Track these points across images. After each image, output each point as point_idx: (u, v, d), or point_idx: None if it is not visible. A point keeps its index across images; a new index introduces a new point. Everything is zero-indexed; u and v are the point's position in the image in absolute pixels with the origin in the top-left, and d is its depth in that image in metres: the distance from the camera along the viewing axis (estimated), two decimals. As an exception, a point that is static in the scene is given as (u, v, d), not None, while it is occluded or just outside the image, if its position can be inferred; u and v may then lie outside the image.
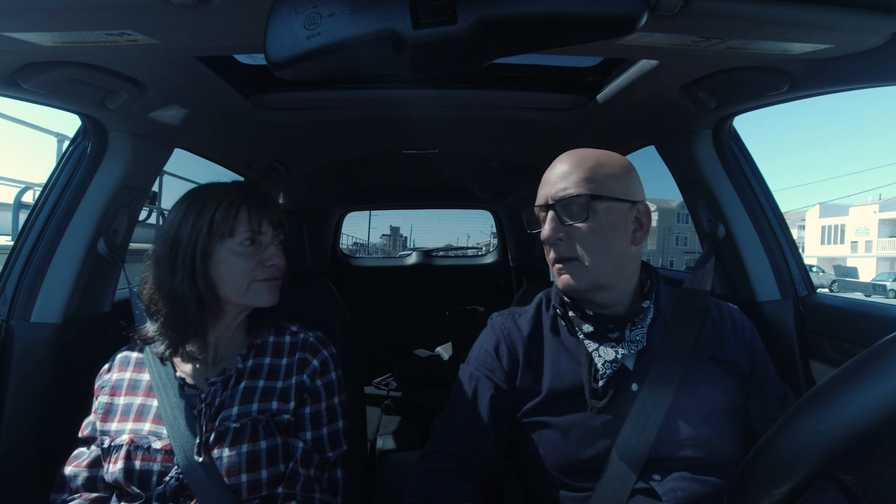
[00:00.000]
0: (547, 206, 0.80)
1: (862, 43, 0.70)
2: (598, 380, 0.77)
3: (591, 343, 0.80)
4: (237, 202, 0.84)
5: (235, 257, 0.83)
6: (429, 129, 1.45)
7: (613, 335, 0.79)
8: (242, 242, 0.84)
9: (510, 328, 0.89)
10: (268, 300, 0.87)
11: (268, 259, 0.86)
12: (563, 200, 0.78)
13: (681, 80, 0.94)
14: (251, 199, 0.86)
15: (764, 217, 1.17)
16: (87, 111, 1.00)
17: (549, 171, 0.83)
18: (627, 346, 0.79)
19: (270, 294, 0.87)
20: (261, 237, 0.86)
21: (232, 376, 0.85)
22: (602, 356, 0.78)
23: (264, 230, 0.86)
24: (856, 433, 0.36)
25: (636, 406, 0.76)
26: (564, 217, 0.78)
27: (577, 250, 0.78)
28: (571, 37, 0.55)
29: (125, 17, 0.64)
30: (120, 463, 0.77)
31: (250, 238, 0.84)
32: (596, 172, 0.79)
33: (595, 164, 0.80)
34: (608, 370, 0.77)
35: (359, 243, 10.13)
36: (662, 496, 0.71)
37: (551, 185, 0.81)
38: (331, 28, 0.50)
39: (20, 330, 0.99)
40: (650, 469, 0.74)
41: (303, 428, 0.86)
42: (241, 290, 0.84)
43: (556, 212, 0.79)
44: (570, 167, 0.80)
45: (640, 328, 0.80)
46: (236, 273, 0.84)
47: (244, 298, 0.85)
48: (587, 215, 0.77)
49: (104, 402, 0.85)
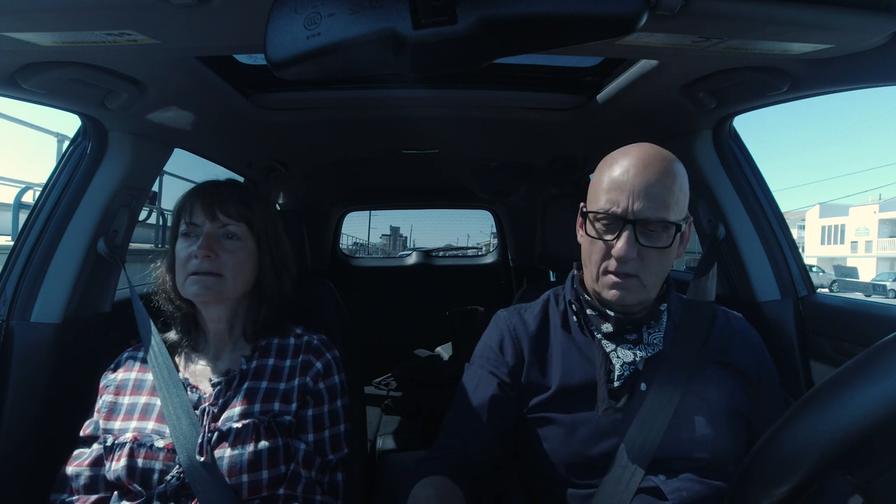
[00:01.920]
0: (625, 220, 0.73)
1: (862, 43, 0.70)
2: (613, 380, 0.77)
3: (609, 343, 0.80)
4: (184, 196, 0.87)
5: (178, 251, 0.86)
6: (429, 129, 1.45)
7: (631, 336, 0.79)
8: (182, 235, 0.86)
9: (516, 323, 0.87)
10: (195, 294, 0.83)
11: (194, 250, 0.82)
12: (653, 223, 0.73)
13: (681, 80, 0.94)
14: (198, 192, 0.87)
15: (764, 217, 1.17)
16: (87, 111, 1.00)
17: (625, 172, 0.74)
18: (645, 349, 0.79)
19: (199, 287, 0.82)
20: (195, 228, 0.85)
21: (235, 377, 0.86)
22: (621, 357, 0.78)
23: (198, 221, 0.85)
24: (856, 433, 0.36)
25: (645, 405, 0.76)
26: (641, 237, 0.73)
27: (642, 270, 0.75)
28: (571, 37, 0.55)
29: (125, 17, 0.64)
30: (122, 461, 0.77)
31: (186, 231, 0.86)
32: (680, 191, 0.74)
33: (679, 180, 0.75)
34: (626, 371, 0.77)
35: (359, 243, 10.12)
36: (668, 495, 0.71)
37: (632, 196, 0.73)
38: (331, 28, 0.50)
39: (20, 330, 0.99)
40: (656, 468, 0.74)
41: (305, 430, 0.86)
42: (181, 284, 0.85)
43: (634, 230, 0.73)
44: (657, 180, 0.73)
45: (658, 332, 0.80)
46: (177, 266, 0.85)
47: (184, 292, 0.84)
48: (671, 243, 0.74)
49: (108, 401, 0.85)
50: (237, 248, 0.86)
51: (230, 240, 0.86)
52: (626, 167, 0.75)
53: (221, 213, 0.85)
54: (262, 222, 0.90)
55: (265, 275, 0.90)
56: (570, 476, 0.77)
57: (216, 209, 0.85)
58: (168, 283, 0.89)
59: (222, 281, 0.84)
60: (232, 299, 0.87)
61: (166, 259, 0.90)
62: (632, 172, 0.74)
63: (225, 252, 0.85)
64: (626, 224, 0.73)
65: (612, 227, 0.75)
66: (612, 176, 0.76)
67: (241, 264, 0.86)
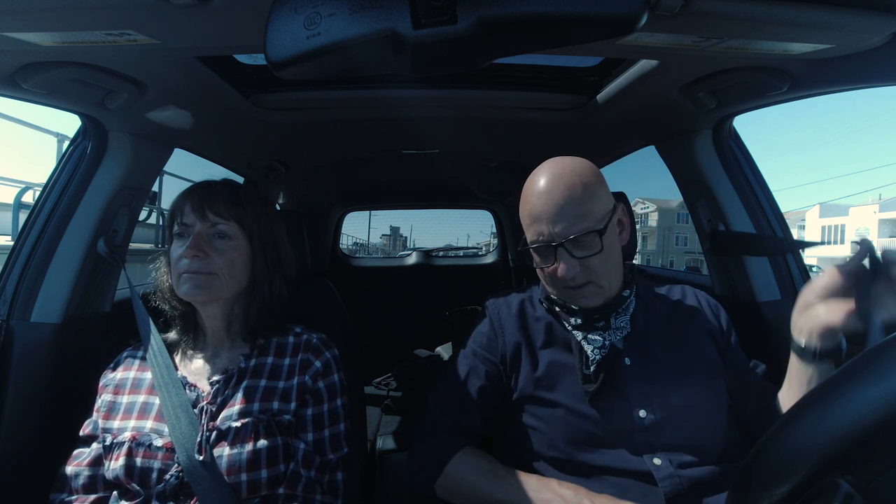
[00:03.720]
0: (553, 245, 0.79)
1: (862, 43, 0.70)
2: (589, 365, 0.82)
3: (579, 333, 0.85)
4: (177, 197, 0.88)
5: (171, 251, 0.86)
6: (429, 129, 1.45)
7: (600, 324, 0.84)
8: (175, 235, 0.86)
9: (501, 308, 0.93)
10: (186, 292, 0.83)
11: (186, 248, 0.83)
12: (574, 240, 0.78)
13: (681, 80, 0.94)
14: (189, 192, 0.87)
15: (764, 217, 1.17)
16: (87, 111, 1.00)
17: (537, 204, 0.80)
18: (613, 333, 0.84)
19: (191, 286, 0.82)
20: (186, 228, 0.86)
21: (234, 375, 0.86)
22: (591, 343, 0.83)
23: (188, 221, 0.85)
24: (856, 433, 0.36)
25: (630, 378, 0.81)
26: (575, 252, 0.78)
27: (591, 276, 0.80)
28: (571, 37, 0.55)
29: (125, 17, 0.64)
30: (121, 460, 0.77)
31: (178, 231, 0.86)
32: (588, 197, 0.78)
33: (583, 189, 0.78)
34: (597, 356, 0.82)
35: (359, 243, 10.13)
36: (659, 482, 0.73)
37: (550, 224, 0.78)
38: (331, 28, 0.50)
39: (20, 330, 0.99)
40: (646, 445, 0.77)
41: (304, 429, 0.86)
42: (175, 283, 0.85)
43: (567, 249, 0.78)
44: (562, 199, 0.78)
45: (624, 316, 0.86)
46: (171, 266, 0.86)
47: (178, 291, 0.85)
48: (601, 247, 0.78)
49: (107, 401, 0.85)
50: (228, 247, 0.86)
51: (221, 239, 0.86)
52: (535, 197, 0.81)
53: (211, 212, 0.85)
54: (255, 221, 0.89)
55: (257, 274, 0.90)
56: (558, 458, 0.80)
57: (206, 209, 0.85)
58: (166, 284, 0.89)
59: (215, 279, 0.84)
60: (226, 298, 0.87)
61: (165, 259, 0.91)
62: (542, 200, 0.80)
63: (215, 252, 0.84)
64: (556, 249, 0.79)
65: (547, 253, 0.82)
66: (528, 211, 0.82)
67: (232, 263, 0.86)
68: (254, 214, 0.89)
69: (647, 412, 0.78)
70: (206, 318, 0.90)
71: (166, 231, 0.89)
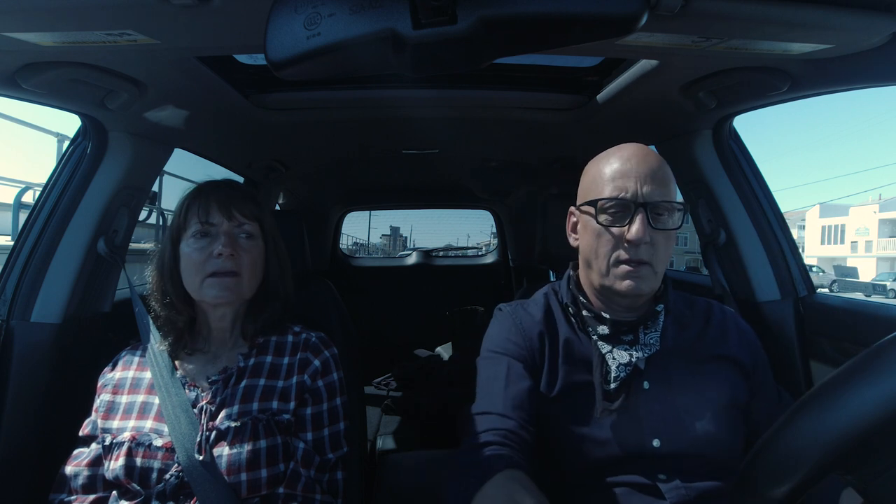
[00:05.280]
0: (636, 203, 0.74)
1: (862, 43, 0.70)
2: (610, 382, 0.76)
3: (605, 345, 0.79)
4: (191, 196, 0.86)
5: (189, 252, 0.84)
6: (429, 130, 1.45)
7: (627, 338, 0.79)
8: (194, 235, 0.84)
9: (522, 315, 0.86)
10: (216, 296, 0.82)
11: (215, 249, 0.82)
12: (661, 205, 0.75)
13: (681, 80, 0.94)
14: (208, 191, 0.86)
15: (764, 217, 1.17)
16: (87, 111, 1.00)
17: (625, 164, 0.76)
18: (641, 350, 0.78)
19: (220, 290, 0.82)
20: (211, 228, 0.85)
21: (233, 375, 0.86)
22: (616, 359, 0.77)
23: (214, 221, 0.84)
24: (856, 433, 0.36)
25: (647, 403, 0.76)
26: (653, 221, 0.74)
27: (654, 256, 0.75)
28: (571, 37, 0.55)
29: (125, 17, 0.64)
30: (121, 460, 0.77)
31: (200, 231, 0.84)
32: (672, 178, 0.77)
33: (669, 170, 0.77)
34: (622, 373, 0.76)
35: (359, 243, 10.12)
36: (665, 493, 0.71)
37: (640, 182, 0.74)
38: (331, 28, 0.50)
39: (20, 330, 0.99)
40: (656, 468, 0.74)
41: (304, 429, 0.86)
42: (195, 286, 0.84)
43: (647, 212, 0.74)
44: (658, 168, 0.75)
45: (654, 331, 0.80)
46: (188, 268, 0.84)
47: (199, 294, 0.84)
48: (679, 224, 0.76)
49: (107, 401, 0.85)
50: (251, 246, 0.87)
51: (246, 239, 0.87)
52: (626, 157, 0.77)
53: (237, 212, 0.86)
54: (270, 222, 0.92)
55: (272, 274, 0.91)
56: (572, 475, 0.77)
57: (232, 208, 0.85)
58: (168, 286, 0.86)
59: (240, 281, 0.84)
60: (246, 299, 0.88)
61: (161, 261, 0.87)
62: (634, 161, 0.76)
63: (242, 251, 0.85)
64: (637, 207, 0.74)
65: (621, 214, 0.75)
66: (614, 167, 0.77)
67: (255, 263, 0.87)
68: (269, 215, 0.92)
69: (660, 442, 0.74)
70: (214, 320, 0.89)
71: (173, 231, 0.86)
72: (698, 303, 0.88)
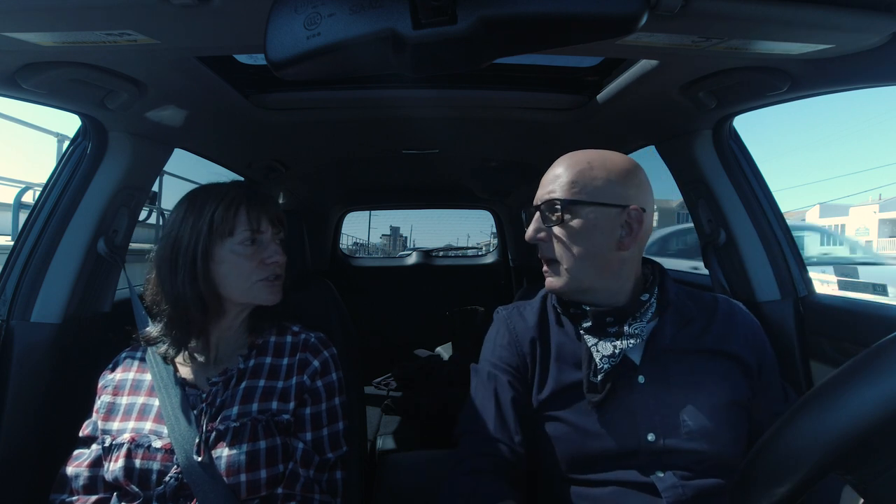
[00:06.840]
0: (535, 206, 0.83)
1: (862, 43, 0.70)
2: (596, 374, 0.77)
3: (591, 338, 0.80)
4: (236, 202, 0.85)
5: (236, 257, 0.84)
6: (429, 129, 1.45)
7: (612, 329, 0.79)
8: (243, 242, 0.84)
9: (516, 320, 0.89)
10: (270, 299, 0.88)
11: (268, 257, 0.86)
12: (546, 203, 0.81)
13: (681, 80, 0.94)
14: (250, 198, 0.87)
15: (764, 217, 1.17)
16: (87, 111, 1.00)
17: (546, 173, 0.85)
18: (626, 340, 0.77)
19: (272, 293, 0.88)
20: (260, 236, 0.87)
21: (233, 376, 0.86)
22: (601, 351, 0.78)
23: (264, 229, 0.87)
24: (856, 433, 0.36)
25: (643, 399, 0.76)
26: (545, 220, 0.81)
27: (556, 252, 0.81)
28: (571, 37, 0.55)
29: (125, 17, 0.64)
30: (120, 461, 0.77)
31: (250, 238, 0.85)
32: (583, 175, 0.79)
33: (585, 168, 0.80)
34: (605, 365, 0.76)
35: (359, 243, 10.11)
36: (662, 492, 0.71)
37: (543, 187, 0.83)
38: (331, 28, 0.50)
39: (20, 330, 0.99)
40: (652, 464, 0.74)
41: (303, 429, 0.86)
42: (243, 290, 0.85)
43: (542, 212, 0.82)
44: (561, 170, 0.82)
45: (640, 322, 0.79)
46: (238, 273, 0.84)
47: (247, 297, 0.86)
48: (562, 218, 0.79)
49: (107, 402, 0.85)
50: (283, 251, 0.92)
51: (279, 244, 0.91)
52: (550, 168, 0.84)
53: (279, 221, 0.90)
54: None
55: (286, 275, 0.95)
56: (570, 474, 0.77)
57: (276, 218, 0.90)
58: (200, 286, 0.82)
59: (282, 283, 0.91)
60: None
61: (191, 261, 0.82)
62: (550, 169, 0.84)
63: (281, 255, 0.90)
64: (535, 210, 0.83)
65: (529, 216, 0.86)
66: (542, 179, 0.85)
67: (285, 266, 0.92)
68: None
69: (655, 436, 0.74)
70: (228, 320, 0.89)
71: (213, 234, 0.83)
72: (704, 298, 0.88)
